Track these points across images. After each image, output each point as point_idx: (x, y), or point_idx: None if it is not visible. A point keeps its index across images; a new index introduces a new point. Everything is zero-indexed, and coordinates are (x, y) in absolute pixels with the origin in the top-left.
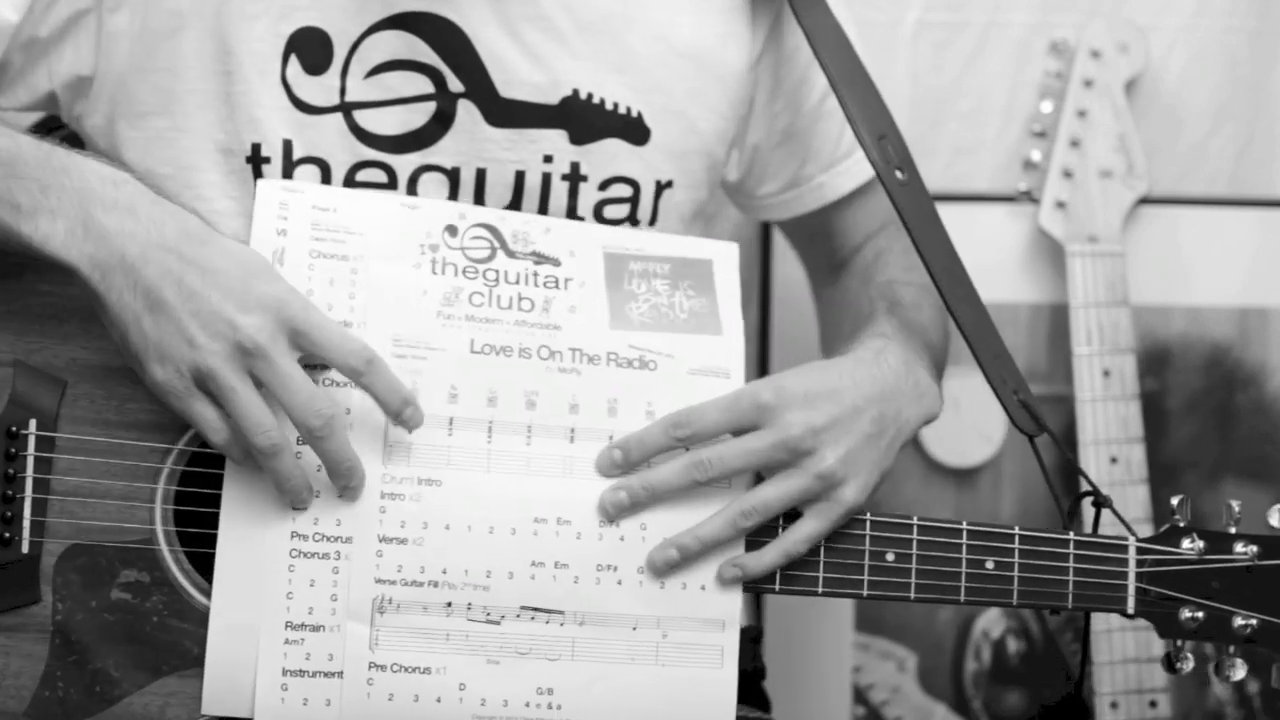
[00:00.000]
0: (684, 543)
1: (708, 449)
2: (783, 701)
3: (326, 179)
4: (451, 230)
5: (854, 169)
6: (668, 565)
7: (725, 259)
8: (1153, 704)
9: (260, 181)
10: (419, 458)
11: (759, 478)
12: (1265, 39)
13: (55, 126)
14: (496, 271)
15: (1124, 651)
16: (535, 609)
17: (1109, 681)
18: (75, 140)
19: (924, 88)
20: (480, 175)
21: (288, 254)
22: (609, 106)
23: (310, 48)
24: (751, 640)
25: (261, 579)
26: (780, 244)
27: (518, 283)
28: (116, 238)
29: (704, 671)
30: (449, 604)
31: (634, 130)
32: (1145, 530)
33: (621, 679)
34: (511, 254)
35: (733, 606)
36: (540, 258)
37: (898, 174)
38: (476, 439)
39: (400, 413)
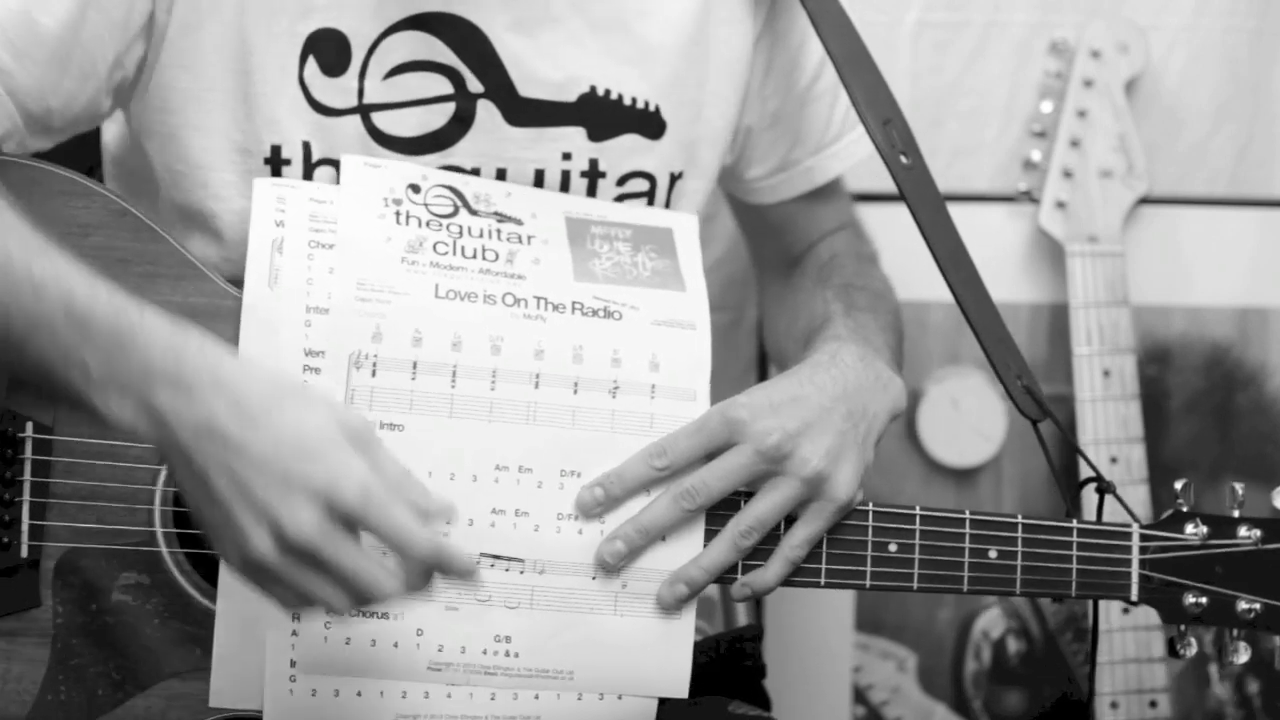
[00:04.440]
0: (691, 575)
1: (691, 476)
2: (783, 701)
3: None
4: (414, 188)
5: (842, 153)
6: (676, 600)
7: (685, 228)
8: (1153, 704)
9: (257, 180)
10: (381, 402)
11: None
12: (1265, 39)
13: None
14: (460, 226)
15: (1124, 651)
16: (495, 556)
17: (1109, 681)
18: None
19: (924, 88)
20: (500, 176)
21: (287, 244)
22: (626, 102)
23: (328, 49)
24: (751, 640)
25: None
26: None
27: (481, 236)
28: (173, 422)
29: (662, 623)
30: None
31: (650, 124)
32: None
33: (580, 628)
34: (474, 212)
35: (692, 524)
36: (502, 217)
37: (902, 159)
38: (440, 384)
39: (473, 575)
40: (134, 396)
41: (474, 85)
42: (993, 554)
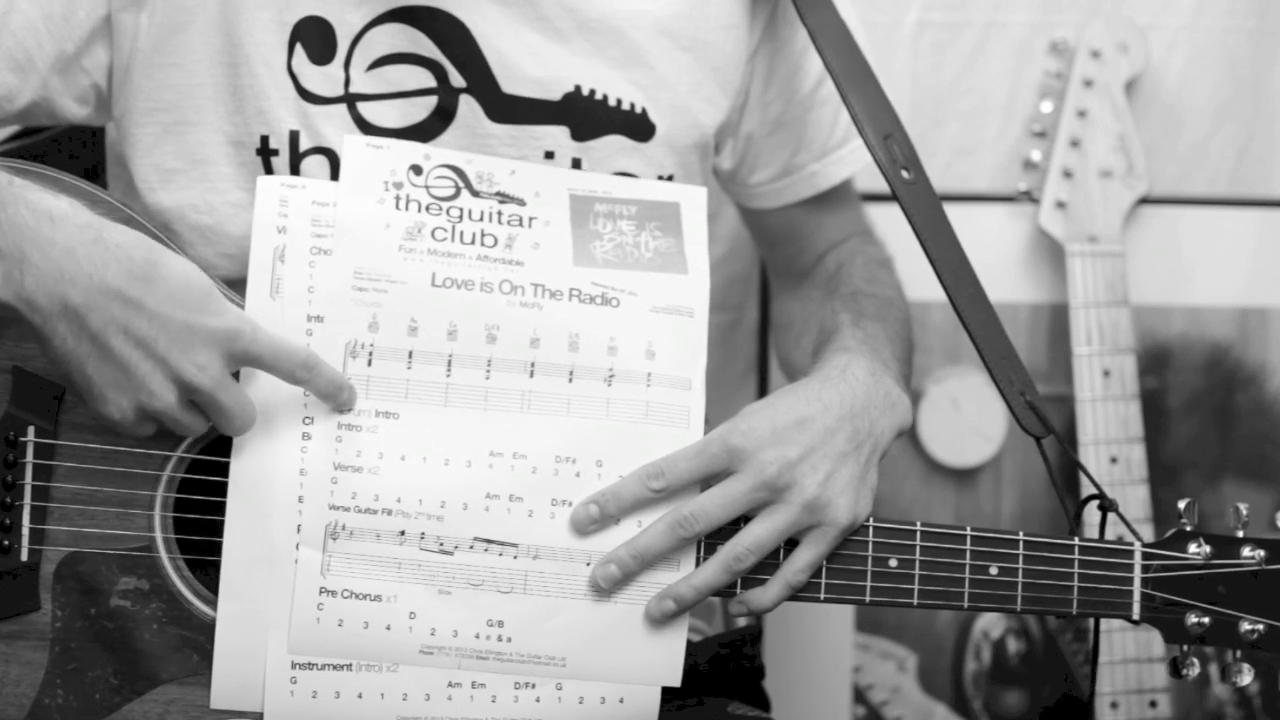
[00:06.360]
0: (679, 592)
1: (689, 504)
2: (783, 701)
3: (335, 169)
4: (416, 169)
5: (847, 158)
6: (663, 615)
7: (693, 202)
8: (1153, 704)
9: (260, 178)
10: (377, 390)
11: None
12: (1265, 39)
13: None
14: (460, 209)
15: (1124, 651)
16: (489, 541)
17: (1109, 681)
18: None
19: (924, 88)
20: None
21: (288, 251)
22: (612, 103)
23: (314, 38)
24: (751, 640)
25: (268, 574)
26: None
27: (481, 220)
28: (56, 284)
29: None
30: (402, 532)
31: (638, 126)
32: (1145, 530)
33: (573, 614)
34: (476, 193)
35: (686, 548)
36: (505, 197)
37: (904, 173)
38: (435, 372)
39: (335, 398)
40: (5, 258)
41: (456, 80)
42: (993, 570)
